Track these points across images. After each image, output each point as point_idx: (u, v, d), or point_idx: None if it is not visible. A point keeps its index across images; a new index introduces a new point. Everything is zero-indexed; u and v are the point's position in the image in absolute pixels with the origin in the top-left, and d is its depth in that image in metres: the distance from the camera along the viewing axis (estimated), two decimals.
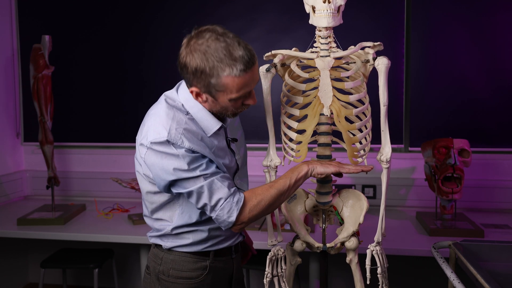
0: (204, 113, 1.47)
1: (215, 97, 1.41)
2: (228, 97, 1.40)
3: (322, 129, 1.60)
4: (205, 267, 1.56)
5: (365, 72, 1.66)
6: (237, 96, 1.39)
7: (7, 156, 3.38)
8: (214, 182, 1.40)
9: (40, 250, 3.43)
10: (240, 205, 1.41)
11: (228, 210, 1.40)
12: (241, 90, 1.38)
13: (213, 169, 1.42)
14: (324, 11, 1.51)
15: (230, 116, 1.50)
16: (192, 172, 1.39)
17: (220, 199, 1.40)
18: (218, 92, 1.39)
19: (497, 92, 2.91)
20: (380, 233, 1.66)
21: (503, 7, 2.88)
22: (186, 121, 1.44)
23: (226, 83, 1.36)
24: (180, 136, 1.39)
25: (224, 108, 1.44)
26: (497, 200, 2.92)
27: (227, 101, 1.41)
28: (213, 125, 1.48)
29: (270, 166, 1.70)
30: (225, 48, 1.34)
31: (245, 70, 1.35)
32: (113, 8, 3.29)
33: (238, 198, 1.42)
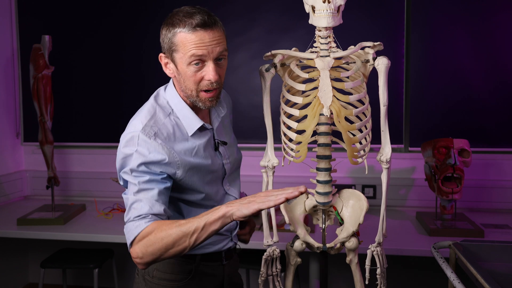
0: (186, 110, 1.47)
1: (175, 64, 1.42)
2: (183, 59, 1.38)
3: (322, 129, 1.59)
4: (189, 271, 1.53)
5: (365, 72, 1.66)
6: (190, 59, 1.36)
7: (7, 156, 3.38)
8: (138, 200, 1.33)
9: (40, 250, 3.43)
10: (137, 232, 1.30)
11: (128, 231, 1.32)
12: (191, 50, 1.36)
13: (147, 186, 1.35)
14: (324, 11, 1.50)
15: (201, 104, 1.43)
16: (132, 176, 1.36)
17: (130, 217, 1.33)
18: (175, 55, 1.41)
19: (497, 92, 2.91)
20: (381, 234, 1.66)
21: (503, 7, 2.88)
22: (164, 122, 1.44)
23: (178, 40, 1.39)
24: (153, 134, 1.40)
25: (188, 79, 1.40)
26: (497, 200, 2.92)
27: (185, 69, 1.39)
28: (194, 123, 1.47)
29: (268, 166, 1.69)
30: (189, 11, 1.40)
31: (195, 29, 1.36)
32: (113, 8, 3.29)
33: (138, 225, 1.30)
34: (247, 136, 3.15)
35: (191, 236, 1.26)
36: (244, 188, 3.18)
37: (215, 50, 1.38)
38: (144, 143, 1.38)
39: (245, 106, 3.15)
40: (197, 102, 1.44)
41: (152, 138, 1.39)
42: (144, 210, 1.32)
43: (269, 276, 1.73)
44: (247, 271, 3.02)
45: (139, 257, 1.30)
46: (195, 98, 1.43)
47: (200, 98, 1.43)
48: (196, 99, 1.43)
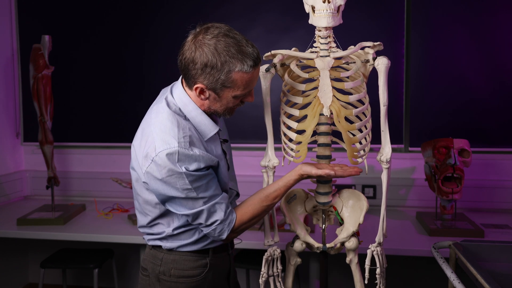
0: (203, 117, 1.47)
1: (219, 94, 1.41)
2: (233, 94, 1.41)
3: (321, 129, 1.59)
4: (205, 265, 1.57)
5: (365, 72, 1.66)
6: (243, 93, 1.42)
7: (7, 156, 3.38)
8: (213, 206, 1.45)
9: (40, 250, 3.43)
10: (232, 226, 1.49)
11: (220, 230, 1.48)
12: (247, 87, 1.41)
13: (212, 190, 1.45)
14: (323, 11, 1.50)
15: (226, 115, 1.52)
16: (192, 193, 1.41)
17: (216, 221, 1.46)
18: (225, 89, 1.39)
19: (497, 92, 2.91)
20: (381, 234, 1.66)
21: (503, 7, 2.88)
22: (189, 127, 1.44)
23: (235, 79, 1.37)
24: (189, 144, 1.40)
25: (224, 105, 1.45)
26: (497, 200, 2.92)
27: (230, 98, 1.43)
28: (210, 129, 1.49)
29: (268, 166, 1.70)
30: (235, 44, 1.35)
31: (253, 67, 1.38)
32: (113, 8, 3.29)
33: (231, 220, 1.49)
34: (247, 136, 3.15)
35: (274, 204, 1.55)
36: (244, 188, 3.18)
37: (256, 80, 1.47)
38: (188, 158, 1.39)
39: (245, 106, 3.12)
40: (224, 115, 1.51)
41: (190, 149, 1.39)
42: (223, 206, 1.46)
43: (270, 276, 1.73)
44: (247, 271, 3.02)
45: (237, 235, 1.56)
46: (224, 114, 1.51)
47: (229, 112, 1.52)
48: (225, 114, 1.51)
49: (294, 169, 1.54)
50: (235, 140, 3.19)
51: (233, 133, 3.27)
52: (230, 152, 1.73)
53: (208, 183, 1.43)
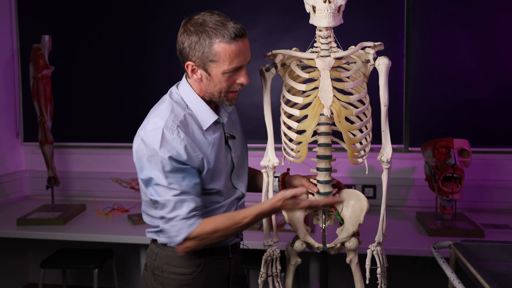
0: (203, 105, 1.52)
1: (208, 71, 1.45)
2: (220, 70, 1.44)
3: (322, 129, 1.59)
4: (199, 264, 1.56)
5: (365, 72, 1.66)
6: (229, 68, 1.43)
7: (7, 156, 3.38)
8: (181, 202, 1.43)
9: (40, 250, 3.43)
10: (191, 230, 1.44)
11: (178, 229, 1.44)
12: (232, 60, 1.43)
13: (186, 186, 1.44)
14: (324, 11, 1.50)
15: (225, 102, 1.52)
16: (167, 180, 1.43)
17: (177, 216, 1.44)
18: (211, 64, 1.43)
19: (497, 92, 2.91)
20: (381, 234, 1.66)
21: (503, 8, 2.88)
22: (184, 115, 1.49)
23: (218, 51, 1.41)
24: (176, 128, 1.44)
25: (218, 86, 1.47)
26: (497, 200, 2.92)
27: (220, 75, 1.45)
28: (210, 117, 1.52)
29: (268, 166, 1.69)
30: (218, 20, 1.43)
31: (235, 39, 1.41)
32: (113, 8, 3.29)
33: (193, 222, 1.44)
34: (248, 136, 3.12)
35: (241, 227, 1.49)
36: None
37: (248, 56, 1.49)
38: (170, 141, 1.42)
39: (245, 106, 3.14)
40: (223, 101, 1.52)
41: (176, 132, 1.43)
42: (191, 207, 1.44)
43: (269, 276, 1.73)
44: (247, 271, 3.02)
45: (190, 249, 1.48)
46: (222, 99, 1.51)
47: (227, 98, 1.51)
48: (223, 99, 1.51)
49: (272, 199, 1.52)
50: None
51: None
52: (242, 152, 1.71)
53: (183, 178, 1.44)
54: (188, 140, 1.45)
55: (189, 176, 1.45)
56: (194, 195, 1.46)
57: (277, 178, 1.77)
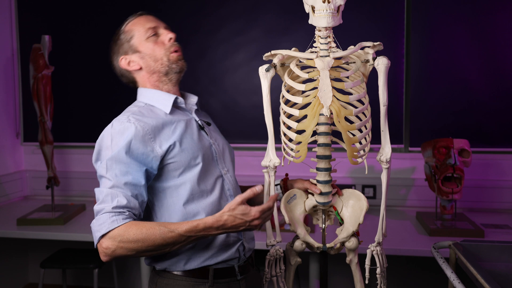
0: (156, 91, 1.56)
1: (138, 50, 1.55)
2: (142, 39, 1.55)
3: (321, 129, 1.59)
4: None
5: (365, 72, 1.66)
6: (146, 30, 1.55)
7: (7, 156, 3.38)
8: (113, 194, 1.33)
9: (40, 250, 3.43)
10: (112, 227, 1.29)
11: (100, 223, 1.30)
12: (145, 24, 1.57)
13: (125, 181, 1.35)
14: (323, 11, 1.50)
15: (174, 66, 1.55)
16: (107, 172, 1.36)
17: (104, 208, 1.32)
18: (132, 42, 1.56)
19: (497, 92, 2.91)
20: (380, 234, 1.66)
21: (503, 7, 2.88)
22: (139, 109, 1.50)
23: (130, 28, 1.59)
24: (127, 117, 1.43)
25: (153, 55, 1.53)
26: (497, 200, 2.92)
27: (145, 43, 1.55)
28: (168, 98, 1.54)
29: (269, 166, 1.69)
30: None
31: (139, 14, 1.63)
32: (113, 8, 3.29)
33: (116, 220, 1.30)
34: (247, 136, 3.15)
35: (173, 247, 1.33)
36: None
37: (161, 23, 1.61)
38: (118, 130, 1.40)
39: (245, 106, 3.15)
40: (171, 66, 1.55)
41: (125, 121, 1.41)
42: (122, 203, 1.32)
43: (273, 276, 1.73)
44: None
45: (110, 251, 1.30)
46: (167, 64, 1.54)
47: (173, 60, 1.55)
48: (169, 64, 1.54)
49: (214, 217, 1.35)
50: (236, 140, 3.19)
51: (234, 133, 3.28)
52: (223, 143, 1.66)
53: (124, 173, 1.35)
54: (141, 123, 1.40)
55: (132, 174, 1.36)
56: (129, 193, 1.34)
57: (279, 186, 1.77)
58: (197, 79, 3.18)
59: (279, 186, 1.76)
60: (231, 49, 3.16)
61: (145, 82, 1.59)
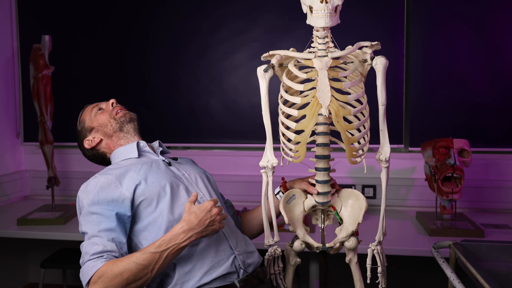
0: (120, 148, 1.74)
1: (91, 127, 1.76)
2: (92, 117, 1.77)
3: (320, 129, 1.59)
4: None
5: (363, 72, 1.66)
6: (93, 111, 1.78)
7: (7, 156, 3.38)
8: (91, 243, 1.42)
9: (40, 250, 3.43)
10: (93, 271, 1.36)
11: (84, 272, 1.39)
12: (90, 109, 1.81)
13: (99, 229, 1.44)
14: (321, 11, 1.50)
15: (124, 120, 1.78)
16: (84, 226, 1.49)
17: (84, 258, 1.41)
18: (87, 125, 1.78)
19: (497, 92, 2.91)
20: (381, 233, 1.66)
21: (504, 7, 2.87)
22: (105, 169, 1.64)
23: (82, 118, 1.81)
24: (94, 177, 1.59)
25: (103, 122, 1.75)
26: (497, 200, 2.91)
27: (95, 119, 1.77)
28: (131, 147, 1.72)
29: (267, 166, 1.69)
30: None
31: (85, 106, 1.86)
32: (113, 8, 3.29)
33: (95, 265, 1.37)
34: (247, 136, 3.15)
35: (152, 268, 1.38)
36: (244, 188, 3.19)
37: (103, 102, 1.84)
38: (85, 188, 1.57)
39: (244, 106, 3.15)
40: (120, 121, 1.76)
41: (92, 180, 1.58)
42: (98, 249, 1.40)
43: (271, 275, 1.73)
44: None
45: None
46: (115, 122, 1.75)
47: (118, 119, 1.76)
48: (119, 123, 1.75)
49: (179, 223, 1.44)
50: (236, 140, 3.19)
51: (233, 134, 3.28)
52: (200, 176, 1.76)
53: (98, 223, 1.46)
54: (104, 176, 1.55)
55: (103, 221, 1.46)
56: (105, 239, 1.42)
57: (280, 192, 1.81)
58: (197, 79, 3.18)
59: (280, 193, 1.79)
60: (231, 49, 3.16)
61: (110, 148, 1.76)
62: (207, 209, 1.44)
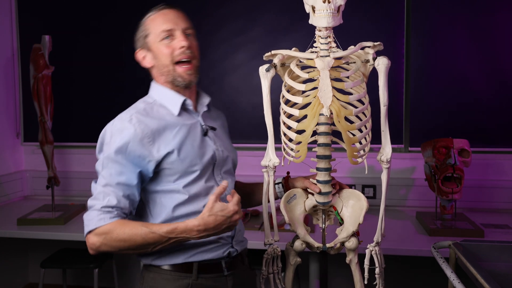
0: (167, 91, 1.55)
1: (149, 48, 1.54)
2: (156, 39, 1.51)
3: (321, 129, 1.59)
4: (187, 285, 1.46)
5: (365, 72, 1.66)
6: (160, 31, 1.50)
7: (7, 156, 3.38)
8: (105, 192, 1.38)
9: (40, 250, 3.43)
10: (99, 225, 1.35)
11: (89, 219, 1.37)
12: (161, 25, 1.50)
13: (118, 180, 1.39)
14: (324, 11, 1.50)
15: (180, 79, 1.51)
16: (103, 170, 1.41)
17: (94, 205, 1.38)
18: (147, 39, 1.54)
19: (497, 92, 2.91)
20: (379, 234, 1.66)
21: (503, 7, 2.88)
22: (145, 107, 1.51)
23: (148, 24, 1.55)
24: (130, 116, 1.45)
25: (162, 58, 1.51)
26: (497, 200, 2.92)
27: (158, 45, 1.51)
28: (177, 100, 1.53)
29: (269, 166, 1.69)
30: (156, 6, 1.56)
31: (161, 9, 1.54)
32: (113, 8, 3.29)
33: (103, 218, 1.35)
34: (247, 136, 3.15)
35: (154, 247, 1.37)
36: None
37: (181, 23, 1.53)
38: (118, 128, 1.43)
39: (245, 106, 3.15)
40: (176, 78, 1.51)
41: (127, 120, 1.44)
42: (112, 202, 1.37)
43: (270, 274, 1.73)
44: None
45: (95, 247, 1.38)
46: (173, 74, 1.51)
47: (177, 73, 1.51)
48: (174, 74, 1.51)
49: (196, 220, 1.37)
50: (236, 140, 3.19)
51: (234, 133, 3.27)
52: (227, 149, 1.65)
53: (119, 173, 1.39)
54: (141, 126, 1.42)
55: (125, 174, 1.40)
56: (120, 193, 1.38)
57: (281, 184, 1.76)
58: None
59: (280, 185, 1.76)
60: (231, 49, 3.16)
61: (157, 79, 1.59)
62: (228, 214, 1.37)
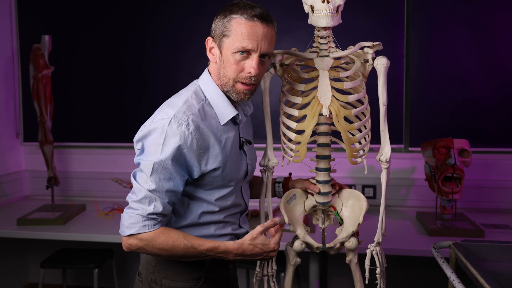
0: (222, 98, 1.45)
1: (221, 49, 1.40)
2: (231, 47, 1.37)
3: (321, 129, 1.59)
4: (199, 277, 1.49)
5: (364, 72, 1.66)
6: (238, 46, 1.36)
7: (7, 156, 3.38)
8: (151, 197, 1.34)
9: (40, 250, 3.43)
10: (142, 231, 1.35)
11: (132, 222, 1.35)
12: (244, 39, 1.35)
13: (167, 187, 1.35)
14: (323, 11, 1.50)
15: (234, 95, 1.42)
16: (152, 174, 1.34)
17: (139, 209, 1.34)
18: (224, 39, 1.39)
19: (497, 92, 2.91)
20: (380, 234, 1.66)
21: (503, 7, 2.88)
22: (199, 108, 1.40)
23: (232, 25, 1.37)
24: (186, 120, 1.35)
25: (228, 69, 1.40)
26: (497, 200, 2.91)
27: (229, 55, 1.38)
28: (229, 111, 1.45)
29: (267, 166, 1.69)
30: (248, 3, 1.40)
31: (254, 19, 1.36)
32: (113, 8, 3.29)
33: (148, 225, 1.35)
34: None
35: (189, 256, 1.39)
36: None
37: (264, 46, 1.39)
38: (177, 134, 1.33)
39: None
40: (231, 92, 1.43)
41: (185, 125, 1.34)
42: (158, 210, 1.35)
43: (265, 276, 1.73)
44: (247, 271, 3.02)
45: (133, 248, 1.39)
46: (230, 88, 1.42)
47: (235, 89, 1.42)
48: (231, 88, 1.42)
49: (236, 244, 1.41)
50: None
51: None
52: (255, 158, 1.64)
53: (168, 180, 1.35)
54: (197, 136, 1.36)
55: (174, 181, 1.36)
56: (167, 200, 1.36)
57: (281, 184, 1.76)
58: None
59: (281, 184, 1.76)
60: None
61: (213, 74, 1.48)
62: (267, 250, 1.43)
